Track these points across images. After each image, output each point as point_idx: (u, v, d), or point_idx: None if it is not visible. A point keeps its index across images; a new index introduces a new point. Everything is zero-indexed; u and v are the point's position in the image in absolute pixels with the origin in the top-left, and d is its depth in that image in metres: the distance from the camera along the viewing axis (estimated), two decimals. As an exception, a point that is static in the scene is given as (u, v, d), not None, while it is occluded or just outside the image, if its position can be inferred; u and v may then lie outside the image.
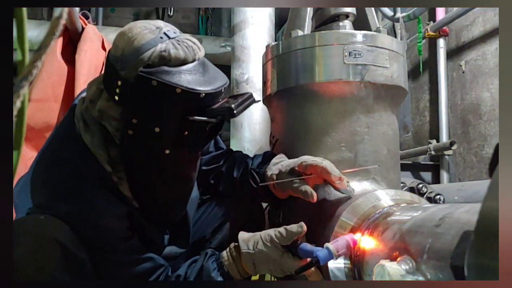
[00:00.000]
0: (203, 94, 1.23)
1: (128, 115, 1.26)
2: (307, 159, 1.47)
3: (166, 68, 1.21)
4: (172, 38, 1.25)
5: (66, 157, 1.31)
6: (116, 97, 1.26)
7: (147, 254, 1.38)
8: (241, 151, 1.75)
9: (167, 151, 1.30)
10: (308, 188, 1.44)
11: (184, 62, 1.24)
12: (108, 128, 1.30)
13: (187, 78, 1.22)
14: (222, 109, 1.27)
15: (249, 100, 1.34)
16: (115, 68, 1.25)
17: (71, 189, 1.28)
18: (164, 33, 1.26)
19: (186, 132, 1.27)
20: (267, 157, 1.62)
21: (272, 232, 1.34)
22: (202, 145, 1.43)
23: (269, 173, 1.53)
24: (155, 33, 1.25)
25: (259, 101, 1.44)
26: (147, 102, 1.24)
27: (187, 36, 1.32)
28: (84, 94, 1.42)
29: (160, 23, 1.30)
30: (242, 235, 1.38)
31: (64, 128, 1.41)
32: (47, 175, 1.31)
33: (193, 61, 1.26)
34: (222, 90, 1.29)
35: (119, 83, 1.24)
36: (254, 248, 1.34)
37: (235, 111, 1.26)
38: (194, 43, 1.29)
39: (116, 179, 1.33)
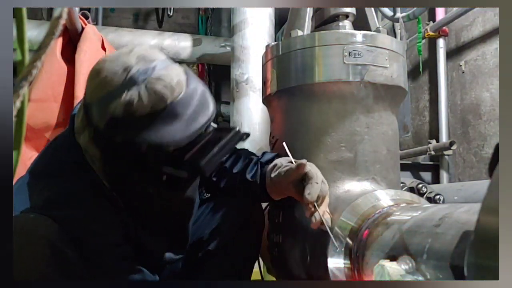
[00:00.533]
0: (171, 148, 1.15)
1: (106, 162, 1.25)
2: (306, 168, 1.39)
3: (131, 120, 1.12)
4: (141, 83, 1.12)
5: (64, 165, 1.31)
6: (93, 141, 1.23)
7: (138, 266, 1.35)
8: (246, 149, 1.73)
9: (151, 190, 1.30)
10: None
11: (152, 110, 1.12)
12: (92, 166, 1.27)
13: (155, 130, 1.13)
14: (191, 167, 1.20)
15: (229, 143, 1.25)
16: (87, 113, 1.21)
17: (67, 195, 1.26)
18: (131, 77, 1.13)
19: (164, 177, 1.22)
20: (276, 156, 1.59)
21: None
22: (184, 186, 1.35)
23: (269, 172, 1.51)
24: (121, 78, 1.13)
25: (247, 136, 1.34)
26: (118, 154, 1.20)
27: (166, 68, 1.17)
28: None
29: (131, 58, 1.16)
30: None
31: (64, 136, 1.40)
32: (45, 181, 1.30)
33: (165, 107, 1.13)
34: (203, 130, 1.20)
35: (92, 130, 1.21)
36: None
37: (203, 170, 1.20)
38: (169, 83, 1.14)
39: (115, 194, 1.31)
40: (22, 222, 1.19)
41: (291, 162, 1.42)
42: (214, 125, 1.27)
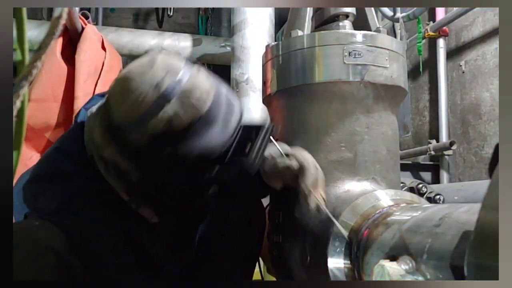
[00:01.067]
0: (217, 153, 1.19)
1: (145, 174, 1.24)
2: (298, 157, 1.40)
3: (174, 134, 1.14)
4: (174, 98, 1.14)
5: (71, 174, 1.29)
6: (129, 157, 1.22)
7: (138, 274, 1.35)
8: None
9: (190, 198, 1.33)
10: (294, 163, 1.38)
11: (191, 122, 1.14)
12: (106, 175, 1.28)
13: (199, 138, 1.16)
14: (238, 168, 1.23)
15: (265, 139, 1.28)
16: (115, 131, 1.21)
17: (72, 202, 1.26)
18: (163, 95, 1.14)
19: (211, 184, 1.24)
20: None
21: None
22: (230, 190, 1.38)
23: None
24: (154, 96, 1.14)
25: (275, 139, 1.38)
26: (162, 166, 1.21)
27: (193, 76, 1.19)
28: (94, 109, 1.37)
29: (157, 73, 1.16)
30: None
31: (70, 141, 1.38)
32: (50, 186, 1.29)
33: (200, 117, 1.15)
34: (236, 133, 1.22)
35: (124, 146, 1.21)
36: None
37: (251, 170, 1.24)
38: (200, 93, 1.16)
39: (134, 206, 1.32)
40: (27, 230, 1.18)
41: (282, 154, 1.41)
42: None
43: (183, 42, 5.02)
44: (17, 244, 1.10)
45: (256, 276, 1.80)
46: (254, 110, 2.98)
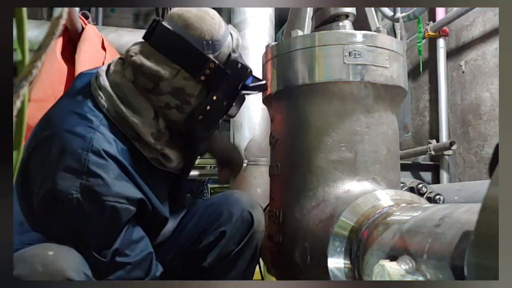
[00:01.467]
0: (253, 75, 1.54)
1: (211, 93, 1.44)
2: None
3: (238, 54, 1.49)
4: (235, 34, 1.50)
5: (92, 136, 1.30)
6: (202, 77, 1.40)
7: (145, 254, 1.39)
8: None
9: (220, 120, 1.55)
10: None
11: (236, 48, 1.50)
12: (170, 101, 1.40)
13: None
14: (258, 85, 1.59)
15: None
16: (202, 51, 1.39)
17: (94, 164, 1.26)
18: (224, 22, 1.47)
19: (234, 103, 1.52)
20: None
21: None
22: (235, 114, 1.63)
23: None
24: (222, 22, 1.46)
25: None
26: (231, 83, 1.46)
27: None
28: (103, 68, 1.48)
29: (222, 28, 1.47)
30: None
31: (83, 103, 1.38)
32: (70, 148, 1.28)
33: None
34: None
35: (212, 65, 1.40)
36: None
37: (266, 86, 1.68)
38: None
39: (159, 147, 1.41)
40: (41, 263, 1.15)
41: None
42: None
43: (183, 42, 5.01)
44: (34, 279, 1.09)
45: (256, 276, 1.80)
46: (254, 110, 2.97)
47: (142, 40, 1.43)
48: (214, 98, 1.43)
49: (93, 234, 1.27)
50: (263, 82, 1.64)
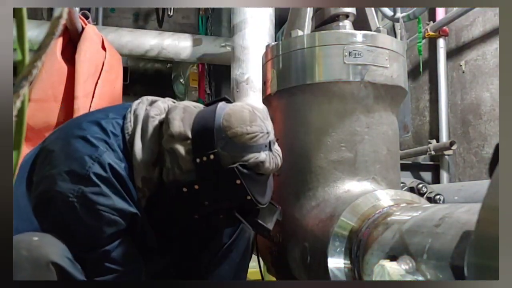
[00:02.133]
0: (258, 207, 1.40)
1: (194, 180, 1.35)
2: None
3: (253, 176, 1.35)
4: (271, 151, 1.38)
5: (104, 150, 1.33)
6: (198, 160, 1.34)
7: (133, 265, 1.39)
8: None
9: (195, 216, 1.43)
10: None
11: (266, 174, 1.39)
12: (167, 164, 1.38)
13: (259, 188, 1.37)
14: (261, 225, 1.43)
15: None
16: (213, 141, 1.33)
17: (96, 174, 1.29)
18: (269, 142, 1.37)
19: (221, 216, 1.40)
20: None
21: None
22: (219, 229, 1.57)
23: None
24: (264, 139, 1.36)
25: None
26: (219, 187, 1.35)
27: (277, 146, 1.43)
28: (150, 98, 1.49)
29: (269, 126, 1.40)
30: None
31: (112, 120, 1.42)
32: (76, 147, 1.32)
33: (271, 173, 1.42)
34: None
35: (211, 156, 1.32)
36: None
37: (269, 233, 1.46)
38: (280, 156, 1.42)
39: (140, 195, 1.38)
40: (26, 248, 1.19)
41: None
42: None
43: (183, 42, 5.02)
44: (19, 263, 1.13)
45: (256, 276, 1.80)
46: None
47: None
48: (195, 187, 1.36)
49: (81, 236, 1.29)
50: (267, 226, 1.44)
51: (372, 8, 1.83)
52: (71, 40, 2.59)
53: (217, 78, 6.56)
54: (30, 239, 1.21)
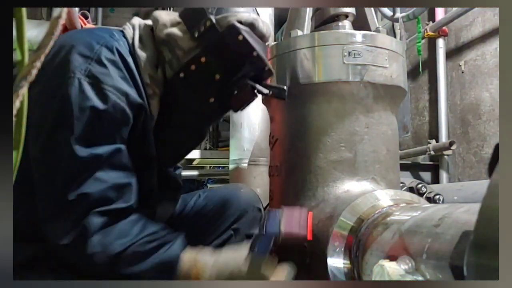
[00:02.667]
0: (267, 68, 1.39)
1: (199, 53, 1.35)
2: None
3: (252, 34, 1.36)
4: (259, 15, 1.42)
5: (110, 38, 1.33)
6: (196, 34, 1.35)
7: (131, 172, 1.30)
8: None
9: (211, 100, 1.39)
10: None
11: (261, 38, 1.40)
12: (166, 54, 1.38)
13: (262, 49, 1.38)
14: (277, 87, 1.46)
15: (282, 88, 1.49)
16: (203, 11, 1.35)
17: (105, 56, 1.27)
18: (256, 11, 1.42)
19: (236, 92, 1.37)
20: None
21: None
22: (238, 109, 1.47)
23: None
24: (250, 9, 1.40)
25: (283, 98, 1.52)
26: (224, 50, 1.35)
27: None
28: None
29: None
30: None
31: (111, 30, 1.41)
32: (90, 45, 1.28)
33: (265, 42, 1.43)
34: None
35: (207, 23, 1.34)
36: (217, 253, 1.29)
37: (286, 93, 1.44)
38: (268, 25, 1.45)
39: (151, 92, 1.36)
40: None
41: None
42: None
43: (183, 42, 5.00)
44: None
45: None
46: (254, 110, 2.97)
47: None
48: (202, 59, 1.35)
49: (80, 127, 1.20)
50: (282, 86, 1.47)
51: (372, 8, 1.83)
52: (71, 40, 2.59)
53: (216, 78, 6.55)
54: None
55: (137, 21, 1.45)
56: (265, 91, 1.41)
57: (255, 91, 1.39)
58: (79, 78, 1.21)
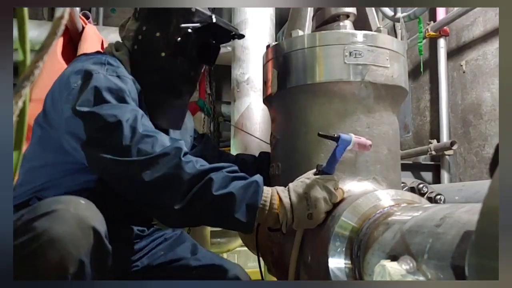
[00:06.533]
0: (194, 9, 1.64)
1: (140, 25, 1.66)
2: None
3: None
4: None
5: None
6: (136, 14, 1.68)
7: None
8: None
9: (163, 54, 1.64)
10: None
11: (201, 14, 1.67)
12: (126, 43, 1.69)
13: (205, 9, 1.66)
14: (203, 15, 1.66)
15: (234, 27, 1.79)
16: None
17: (111, 64, 1.57)
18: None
19: (179, 39, 1.62)
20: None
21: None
22: (191, 58, 1.70)
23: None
24: None
25: (242, 36, 1.82)
26: (155, 14, 1.64)
27: None
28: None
29: None
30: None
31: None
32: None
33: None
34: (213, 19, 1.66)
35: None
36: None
37: (214, 20, 1.66)
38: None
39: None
40: (74, 207, 1.23)
41: None
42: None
43: (184, 42, 5.00)
44: (65, 218, 1.17)
45: (257, 276, 1.80)
46: (255, 110, 2.97)
47: None
48: (144, 28, 1.65)
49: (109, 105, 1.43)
50: (209, 14, 1.68)
51: (373, 8, 1.83)
52: (72, 40, 2.60)
53: (217, 78, 6.56)
54: (78, 201, 1.26)
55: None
56: (193, 25, 1.64)
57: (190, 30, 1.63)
58: (103, 74, 1.49)
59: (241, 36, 1.79)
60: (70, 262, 1.16)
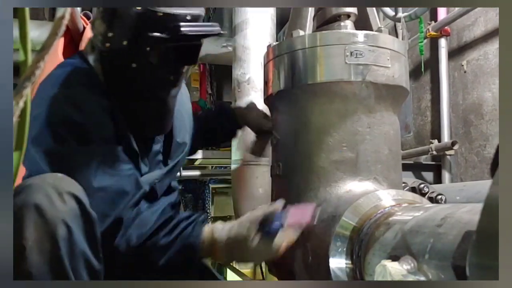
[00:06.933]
0: (161, 14, 1.42)
1: (106, 29, 1.48)
2: None
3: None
4: None
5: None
6: (102, 13, 1.50)
7: (127, 162, 1.49)
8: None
9: (133, 65, 1.49)
10: None
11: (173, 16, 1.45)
12: (95, 45, 1.55)
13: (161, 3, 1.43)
14: (170, 26, 1.44)
15: (207, 27, 1.51)
16: None
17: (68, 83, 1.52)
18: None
19: (148, 48, 1.46)
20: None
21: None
22: (168, 64, 1.53)
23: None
24: None
25: (219, 33, 1.55)
26: (120, 19, 1.45)
27: None
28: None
29: None
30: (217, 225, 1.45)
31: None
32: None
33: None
34: (187, 17, 1.46)
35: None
36: (230, 231, 1.41)
37: (181, 29, 1.43)
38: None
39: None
40: (52, 177, 1.26)
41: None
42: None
43: (185, 42, 5.00)
44: (44, 188, 1.19)
45: (258, 276, 1.80)
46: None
47: None
48: (110, 34, 1.48)
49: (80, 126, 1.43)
50: (177, 24, 1.45)
51: (374, 8, 1.83)
52: (73, 40, 2.59)
53: (218, 78, 6.56)
54: (55, 174, 1.28)
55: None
56: (161, 35, 1.45)
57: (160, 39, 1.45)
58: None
59: (220, 33, 1.58)
60: (56, 226, 1.18)
